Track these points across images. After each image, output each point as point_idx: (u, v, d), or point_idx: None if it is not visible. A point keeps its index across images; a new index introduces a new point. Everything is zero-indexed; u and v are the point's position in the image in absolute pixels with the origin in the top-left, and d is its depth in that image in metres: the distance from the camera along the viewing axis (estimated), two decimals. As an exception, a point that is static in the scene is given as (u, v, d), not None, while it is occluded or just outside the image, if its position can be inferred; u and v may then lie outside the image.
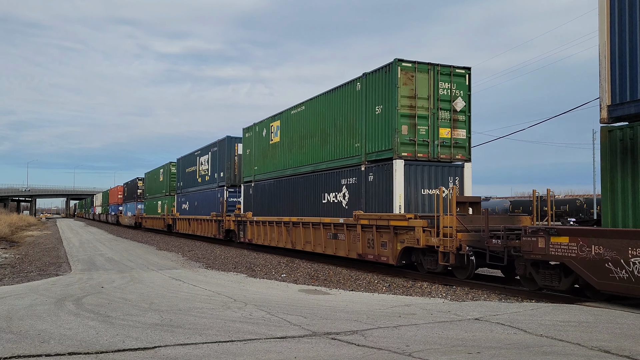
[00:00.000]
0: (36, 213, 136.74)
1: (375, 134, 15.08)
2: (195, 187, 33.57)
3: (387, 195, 14.48)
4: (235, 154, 27.74)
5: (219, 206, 27.99)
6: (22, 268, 16.67)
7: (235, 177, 27.59)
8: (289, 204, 20.50)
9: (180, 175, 37.81)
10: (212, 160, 30.42)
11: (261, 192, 23.25)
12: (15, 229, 45.86)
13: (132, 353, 5.92)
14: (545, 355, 5.73)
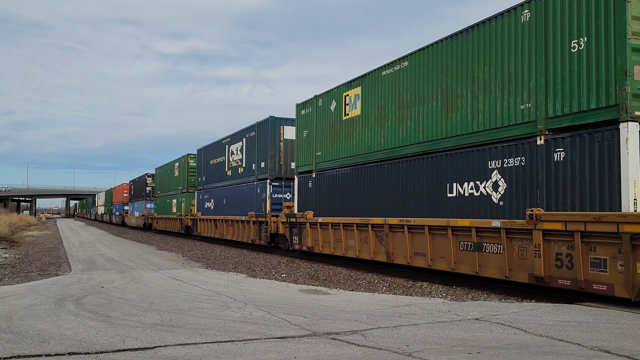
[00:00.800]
0: (36, 213, 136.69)
1: (571, 84, 9.93)
2: (223, 182, 28.38)
3: (604, 182, 9.27)
4: (280, 139, 22.70)
5: (258, 204, 23.12)
6: (22, 268, 16.67)
7: (280, 167, 22.68)
8: (380, 199, 14.97)
9: (202, 168, 32.43)
10: (247, 148, 25.09)
11: (327, 185, 17.82)
12: (15, 229, 45.85)
13: (132, 353, 5.91)
14: (545, 355, 5.73)
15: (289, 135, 22.65)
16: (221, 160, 28.99)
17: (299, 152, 20.03)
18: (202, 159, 32.45)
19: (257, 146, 23.83)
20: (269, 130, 22.80)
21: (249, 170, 24.81)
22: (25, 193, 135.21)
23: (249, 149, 24.81)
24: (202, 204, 32.15)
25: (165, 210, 41.35)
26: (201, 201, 32.44)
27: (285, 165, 22.71)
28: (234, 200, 26.54)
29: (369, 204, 15.45)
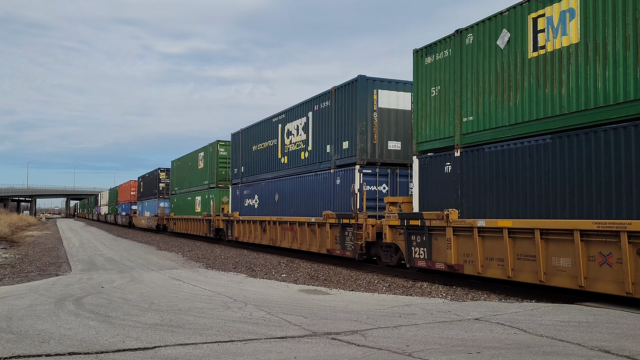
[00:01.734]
0: (36, 213, 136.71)
1: None
2: (275, 172, 22.04)
3: None
4: (374, 108, 16.35)
5: (338, 200, 17.07)
6: (22, 268, 16.67)
7: (373, 148, 16.29)
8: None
9: (240, 157, 26.31)
10: (316, 124, 18.74)
11: (493, 168, 11.44)
12: (15, 229, 45.86)
13: (132, 353, 5.92)
14: (545, 355, 5.73)
15: (385, 102, 16.55)
16: (271, 145, 22.62)
17: (420, 121, 13.66)
18: (240, 146, 26.17)
19: (335, 120, 17.49)
20: (355, 97, 16.37)
21: (319, 155, 18.58)
22: (25, 193, 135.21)
23: (320, 126, 18.53)
24: (240, 201, 25.90)
25: (185, 209, 35.62)
26: (238, 198, 26.25)
27: (381, 146, 16.36)
28: (293, 196, 20.23)
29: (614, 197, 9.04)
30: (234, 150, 27.45)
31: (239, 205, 26.08)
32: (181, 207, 36.89)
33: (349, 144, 16.73)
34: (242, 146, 26.15)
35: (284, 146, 21.53)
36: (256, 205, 23.83)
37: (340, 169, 17.18)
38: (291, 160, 20.83)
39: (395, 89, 16.66)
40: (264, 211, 22.91)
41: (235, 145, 27.31)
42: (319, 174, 18.59)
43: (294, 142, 20.64)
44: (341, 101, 17.25)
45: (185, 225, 34.89)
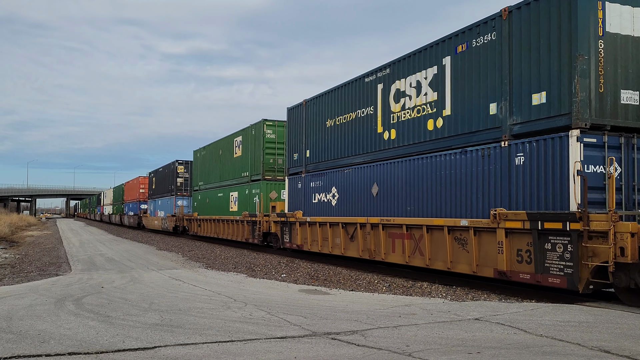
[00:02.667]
0: (36, 213, 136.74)
1: None
2: (372, 153, 15.66)
3: None
4: (599, 33, 9.95)
5: (519, 189, 10.68)
6: (22, 268, 16.67)
7: (600, 101, 9.95)
8: None
9: (303, 138, 19.65)
10: (459, 73, 12.44)
11: None
12: (15, 229, 45.88)
13: (132, 353, 5.92)
14: (545, 355, 5.73)
15: (615, 25, 10.01)
16: (362, 116, 16.18)
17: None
18: (304, 123, 19.67)
19: (512, 60, 11.10)
20: (565, 14, 9.97)
21: (466, 121, 12.28)
22: (25, 193, 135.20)
23: (468, 76, 12.21)
24: (305, 196, 19.30)
25: (214, 208, 29.80)
26: (300, 192, 19.62)
27: (612, 98, 10.09)
28: (410, 187, 13.86)
29: None
30: (292, 129, 20.71)
31: (302, 202, 19.49)
32: (208, 205, 30.88)
33: (547, 96, 10.30)
34: (306, 123, 19.54)
35: (388, 115, 14.97)
36: (334, 202, 17.39)
37: (524, 139, 10.72)
38: (404, 134, 14.33)
39: (630, 2, 10.31)
40: (348, 210, 16.52)
41: (294, 123, 20.50)
42: (468, 152, 12.05)
43: (410, 107, 14.10)
44: (527, 28, 10.77)
45: (215, 227, 28.55)
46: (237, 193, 26.31)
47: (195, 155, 35.17)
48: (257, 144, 24.35)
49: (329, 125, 18.03)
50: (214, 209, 29.85)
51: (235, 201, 26.51)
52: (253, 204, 23.72)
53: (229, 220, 26.47)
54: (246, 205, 24.76)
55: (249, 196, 24.73)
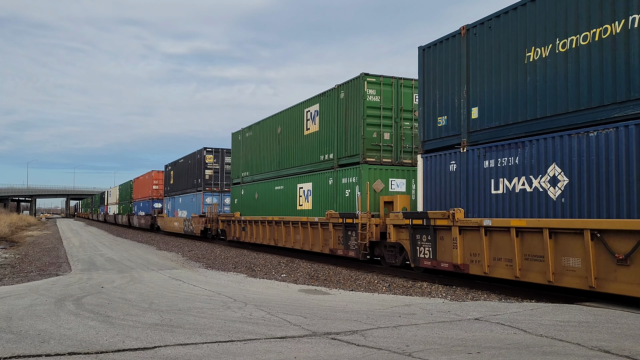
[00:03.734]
0: (36, 213, 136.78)
1: None
2: None
3: None
4: None
5: None
6: (22, 268, 16.67)
7: None
8: None
9: (466, 87, 12.18)
10: None
11: None
12: (15, 229, 45.88)
13: (132, 353, 5.91)
14: (545, 355, 5.73)
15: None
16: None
17: None
18: (465, 61, 12.29)
19: None
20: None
21: None
22: (25, 193, 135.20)
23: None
24: (467, 184, 12.14)
25: (268, 206, 22.59)
26: (452, 178, 12.58)
27: None
28: None
29: None
30: (431, 75, 13.40)
31: (457, 194, 12.41)
32: (257, 202, 23.83)
33: None
34: (473, 61, 12.16)
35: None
36: (554, 192, 10.06)
37: None
38: None
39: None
40: (592, 206, 9.41)
41: (440, 64, 13.17)
42: None
43: None
44: None
45: (272, 232, 21.15)
46: (312, 184, 18.90)
47: (234, 139, 27.61)
48: (351, 110, 16.80)
49: (534, 59, 10.63)
50: (267, 207, 22.60)
51: (308, 196, 19.22)
52: (343, 199, 16.70)
53: (299, 223, 18.97)
54: (329, 201, 17.66)
55: (334, 188, 17.47)
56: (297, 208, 20.01)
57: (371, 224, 14.93)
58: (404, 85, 16.71)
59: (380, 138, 16.37)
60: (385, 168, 16.29)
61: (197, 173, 33.21)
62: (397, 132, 16.68)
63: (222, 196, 32.05)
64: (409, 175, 16.45)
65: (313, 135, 19.41)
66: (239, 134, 27.23)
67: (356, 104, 16.56)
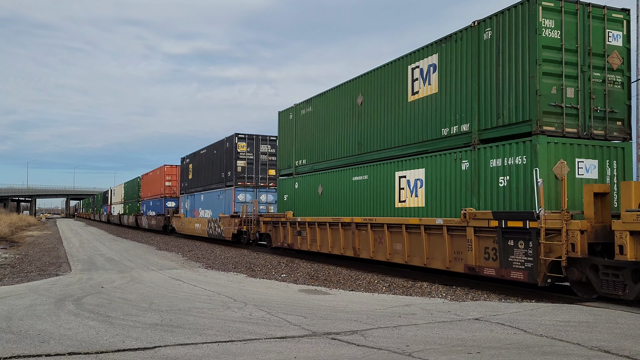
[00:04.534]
0: (36, 213, 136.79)
1: None
2: None
3: None
4: None
5: None
6: (22, 268, 16.67)
7: None
8: None
9: None
10: None
11: None
12: (15, 229, 45.88)
13: (132, 353, 5.91)
14: (545, 355, 5.73)
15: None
16: None
17: None
18: None
19: None
20: None
21: None
22: (25, 193, 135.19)
23: None
24: None
25: (340, 203, 17.16)
26: None
27: None
28: None
29: None
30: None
31: None
32: (324, 199, 18.19)
33: None
34: None
35: None
36: None
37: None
38: None
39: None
40: None
41: None
42: None
43: None
44: None
45: (358, 239, 15.67)
46: (425, 171, 13.40)
47: (283, 119, 21.73)
48: (509, 55, 11.31)
49: None
50: (339, 205, 17.05)
51: (417, 187, 13.64)
52: (493, 191, 11.46)
53: (402, 227, 13.69)
54: (460, 195, 12.35)
55: (471, 175, 12.05)
56: (396, 205, 14.27)
57: (572, 229, 9.60)
58: (593, 15, 11.23)
59: (562, 96, 10.87)
60: (570, 142, 10.87)
61: (226, 165, 27.78)
62: (584, 86, 11.05)
63: (258, 192, 26.87)
64: (603, 153, 11.07)
65: (426, 100, 13.59)
66: (289, 112, 21.24)
67: (521, 44, 11.01)
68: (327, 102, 18.51)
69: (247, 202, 26.04)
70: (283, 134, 21.89)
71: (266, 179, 27.19)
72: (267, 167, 27.14)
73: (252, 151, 27.00)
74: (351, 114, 16.91)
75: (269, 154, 27.19)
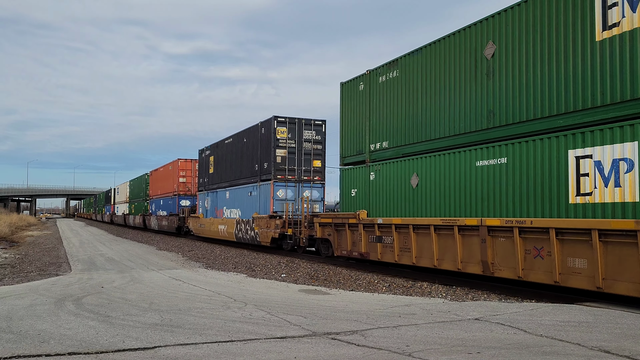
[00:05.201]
0: (36, 213, 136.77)
1: None
2: None
3: None
4: None
5: None
6: (22, 268, 16.67)
7: None
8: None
9: None
10: None
11: None
12: (15, 229, 45.87)
13: (132, 353, 5.91)
14: (545, 355, 5.73)
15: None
16: None
17: None
18: None
19: None
20: None
21: None
22: (25, 193, 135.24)
23: None
24: None
25: (461, 197, 12.37)
26: None
27: None
28: None
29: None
30: None
31: None
32: (420, 193, 13.81)
33: None
34: None
35: None
36: None
37: None
38: None
39: None
40: None
41: None
42: None
43: None
44: None
45: (490, 250, 11.10)
46: (638, 146, 9.04)
47: (349, 90, 17.32)
48: None
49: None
50: (449, 202, 12.79)
51: (617, 172, 9.35)
52: None
53: (592, 233, 9.11)
54: None
55: None
56: (571, 201, 9.93)
57: None
58: None
59: None
60: None
61: (261, 155, 23.09)
62: None
63: (301, 188, 22.35)
64: None
65: (633, 35, 9.18)
66: (359, 81, 16.71)
67: None
68: (425, 62, 13.96)
69: (287, 199, 21.91)
70: (347, 111, 17.32)
71: (310, 172, 22.53)
72: (312, 157, 22.58)
73: (293, 138, 22.37)
74: (472, 73, 12.43)
75: (314, 141, 22.64)
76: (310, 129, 22.66)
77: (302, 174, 22.52)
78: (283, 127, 22.16)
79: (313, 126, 22.78)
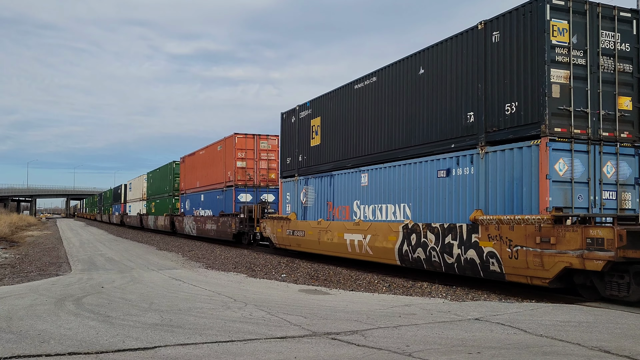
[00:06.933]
0: (36, 213, 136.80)
1: None
2: None
3: None
4: None
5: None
6: (22, 268, 16.67)
7: None
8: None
9: None
10: None
11: None
12: (15, 229, 45.88)
13: (132, 353, 5.92)
14: (545, 355, 5.73)
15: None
16: None
17: None
18: None
19: None
20: None
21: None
22: (25, 193, 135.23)
23: None
24: None
25: None
26: None
27: None
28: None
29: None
30: None
31: None
32: None
33: None
34: None
35: None
36: None
37: None
38: None
39: None
40: None
41: None
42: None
43: None
44: None
45: None
46: None
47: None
48: None
49: None
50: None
51: None
52: None
53: None
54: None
55: None
56: None
57: None
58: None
59: None
60: None
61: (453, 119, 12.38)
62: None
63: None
64: None
65: None
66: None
67: None
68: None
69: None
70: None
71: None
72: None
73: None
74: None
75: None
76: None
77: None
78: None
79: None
